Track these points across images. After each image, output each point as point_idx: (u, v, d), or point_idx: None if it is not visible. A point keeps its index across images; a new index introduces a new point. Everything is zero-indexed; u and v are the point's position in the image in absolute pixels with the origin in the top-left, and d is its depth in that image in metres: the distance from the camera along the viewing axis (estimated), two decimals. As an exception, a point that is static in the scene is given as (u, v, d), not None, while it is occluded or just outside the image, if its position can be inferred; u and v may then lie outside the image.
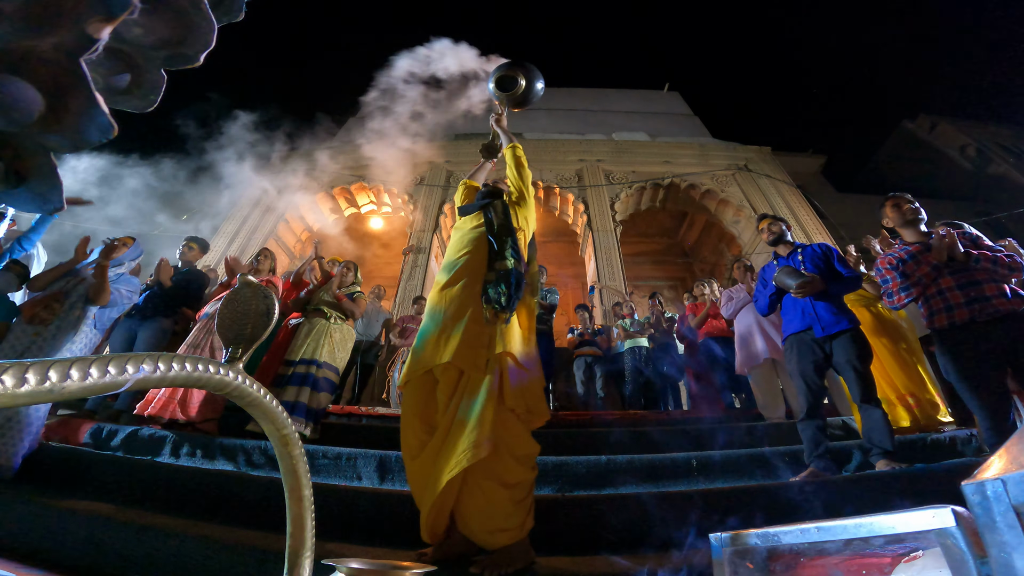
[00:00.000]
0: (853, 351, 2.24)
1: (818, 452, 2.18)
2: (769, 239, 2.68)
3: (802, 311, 2.38)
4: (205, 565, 1.31)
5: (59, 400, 0.42)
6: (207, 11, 0.42)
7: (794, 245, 2.62)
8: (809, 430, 2.23)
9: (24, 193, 0.40)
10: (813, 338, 2.32)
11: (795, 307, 2.43)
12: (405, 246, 7.83)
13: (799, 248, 2.59)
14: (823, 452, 2.17)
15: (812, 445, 2.20)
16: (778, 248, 2.66)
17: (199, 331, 3.10)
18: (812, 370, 2.32)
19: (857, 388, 2.20)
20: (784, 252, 2.63)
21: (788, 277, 2.35)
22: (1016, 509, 0.33)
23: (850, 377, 2.23)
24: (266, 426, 0.49)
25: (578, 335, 5.27)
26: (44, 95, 0.36)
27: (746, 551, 0.58)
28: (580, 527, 1.67)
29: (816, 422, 2.24)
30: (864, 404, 2.18)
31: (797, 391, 2.35)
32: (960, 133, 13.28)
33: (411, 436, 1.48)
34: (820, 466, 2.15)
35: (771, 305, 2.54)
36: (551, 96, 12.95)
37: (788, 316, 2.48)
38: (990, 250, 2.12)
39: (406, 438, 1.49)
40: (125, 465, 2.13)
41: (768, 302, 2.53)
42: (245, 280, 0.58)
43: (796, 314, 2.41)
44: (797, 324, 2.40)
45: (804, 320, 2.37)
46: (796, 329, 2.40)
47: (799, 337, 2.38)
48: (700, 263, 10.36)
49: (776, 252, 2.68)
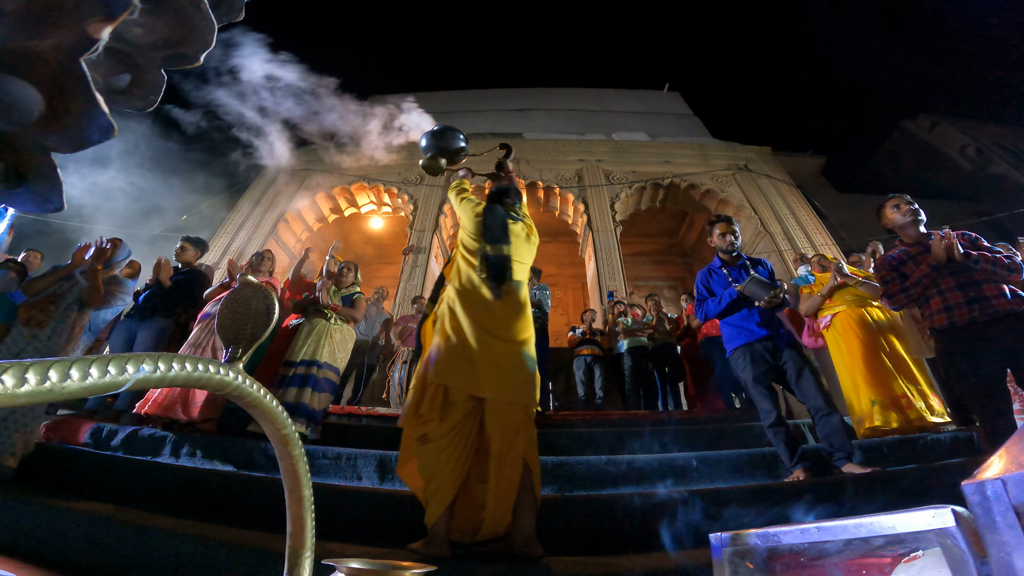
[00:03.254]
0: (805, 361, 2.33)
1: (798, 455, 2.20)
2: (726, 245, 2.59)
3: (757, 322, 2.41)
4: (205, 565, 1.31)
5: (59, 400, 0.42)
6: (207, 11, 0.42)
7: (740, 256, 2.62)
8: (782, 435, 2.25)
9: (24, 193, 0.40)
10: (766, 348, 2.37)
11: (750, 318, 2.43)
12: (405, 246, 7.83)
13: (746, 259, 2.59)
14: (802, 454, 2.21)
15: (791, 450, 2.21)
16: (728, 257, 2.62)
17: (201, 331, 3.10)
18: (767, 378, 2.36)
19: (820, 395, 2.25)
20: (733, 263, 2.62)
21: (759, 288, 2.33)
22: (1016, 509, 0.33)
23: (808, 382, 2.28)
24: (266, 426, 0.49)
25: (579, 334, 5.27)
26: (44, 95, 0.36)
27: (746, 551, 0.58)
28: (580, 527, 1.67)
29: (786, 427, 2.28)
30: (826, 409, 2.23)
31: (758, 397, 2.35)
32: (960, 133, 13.28)
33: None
34: (804, 467, 2.16)
35: (724, 312, 2.50)
36: (551, 96, 12.97)
37: (739, 326, 2.45)
38: (989, 251, 2.12)
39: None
40: (125, 465, 2.13)
41: (723, 308, 2.48)
42: (245, 280, 0.58)
43: (749, 324, 2.42)
44: (751, 334, 2.40)
45: (758, 331, 2.39)
46: (749, 340, 2.40)
47: (751, 347, 2.39)
48: (700, 263, 10.36)
49: (723, 260, 2.64)
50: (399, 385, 4.15)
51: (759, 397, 2.34)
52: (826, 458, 2.26)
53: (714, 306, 2.55)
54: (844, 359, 2.98)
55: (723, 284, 2.57)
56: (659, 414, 4.12)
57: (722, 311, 2.51)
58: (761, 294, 2.32)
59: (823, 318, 3.17)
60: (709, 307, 2.58)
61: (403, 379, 4.16)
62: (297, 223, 8.84)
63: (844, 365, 2.97)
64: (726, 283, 2.55)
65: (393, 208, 9.26)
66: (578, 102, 12.53)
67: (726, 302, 2.48)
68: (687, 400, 5.29)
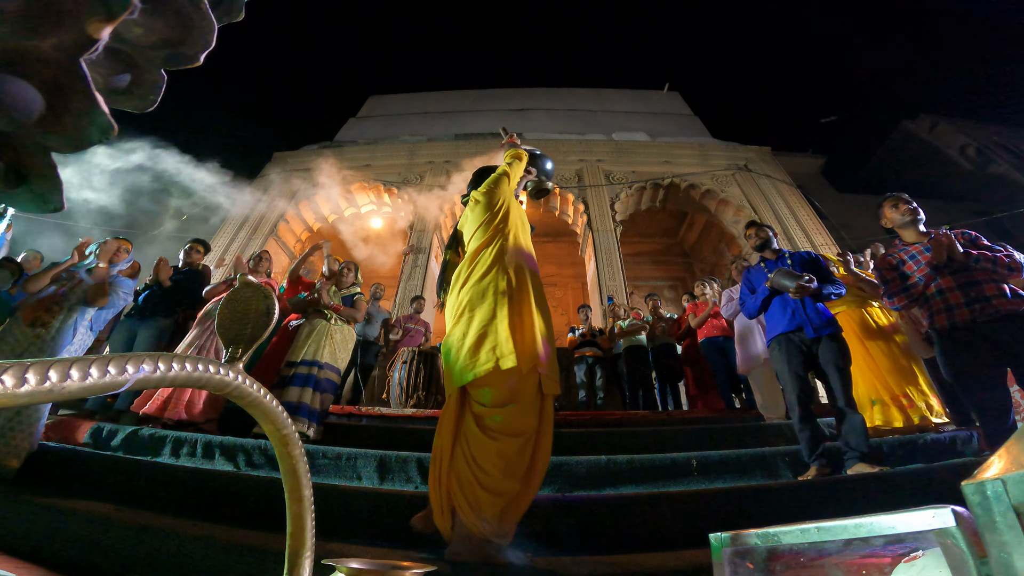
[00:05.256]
0: (839, 354, 2.31)
1: (819, 451, 2.19)
2: (756, 244, 2.74)
3: (793, 312, 2.42)
4: (205, 565, 1.31)
5: (59, 400, 0.42)
6: (207, 11, 0.42)
7: (780, 251, 2.70)
8: (808, 430, 2.24)
9: (24, 193, 0.40)
10: (802, 339, 2.37)
11: (785, 308, 2.45)
12: (405, 246, 7.83)
13: (786, 254, 2.65)
14: (824, 451, 2.19)
15: (812, 445, 2.21)
16: (765, 253, 2.73)
17: (202, 331, 3.10)
18: (802, 369, 2.35)
19: (841, 390, 2.25)
20: (772, 257, 2.69)
21: (785, 278, 2.38)
22: (1016, 509, 0.33)
23: (835, 378, 2.27)
24: (266, 426, 0.49)
25: (579, 335, 5.27)
26: (44, 95, 0.36)
27: (746, 551, 0.58)
28: (580, 527, 1.67)
29: (813, 421, 2.26)
30: (846, 407, 2.22)
31: (788, 390, 2.37)
32: (960, 133, 13.29)
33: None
34: (822, 464, 2.16)
35: (762, 307, 2.56)
36: (551, 96, 12.98)
37: (776, 317, 2.49)
38: (989, 250, 2.12)
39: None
40: (125, 465, 2.13)
41: (759, 304, 2.56)
42: (245, 280, 0.58)
43: (786, 315, 2.43)
44: (786, 324, 2.42)
45: (794, 321, 2.40)
46: (785, 329, 2.41)
47: (788, 337, 2.40)
48: (700, 263, 10.36)
49: (764, 256, 2.74)
50: (399, 385, 4.15)
51: (788, 389, 2.36)
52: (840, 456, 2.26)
53: (752, 303, 2.60)
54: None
55: (762, 278, 2.61)
56: (659, 414, 4.12)
57: (760, 306, 2.56)
58: (787, 284, 2.36)
59: (823, 318, 3.17)
60: (748, 305, 2.64)
61: (403, 379, 4.16)
62: (297, 223, 8.84)
63: (844, 365, 2.98)
64: (764, 277, 2.60)
65: (393, 208, 9.27)
66: (578, 102, 12.54)
67: (761, 297, 2.54)
68: (687, 400, 5.29)
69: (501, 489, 1.31)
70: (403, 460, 2.19)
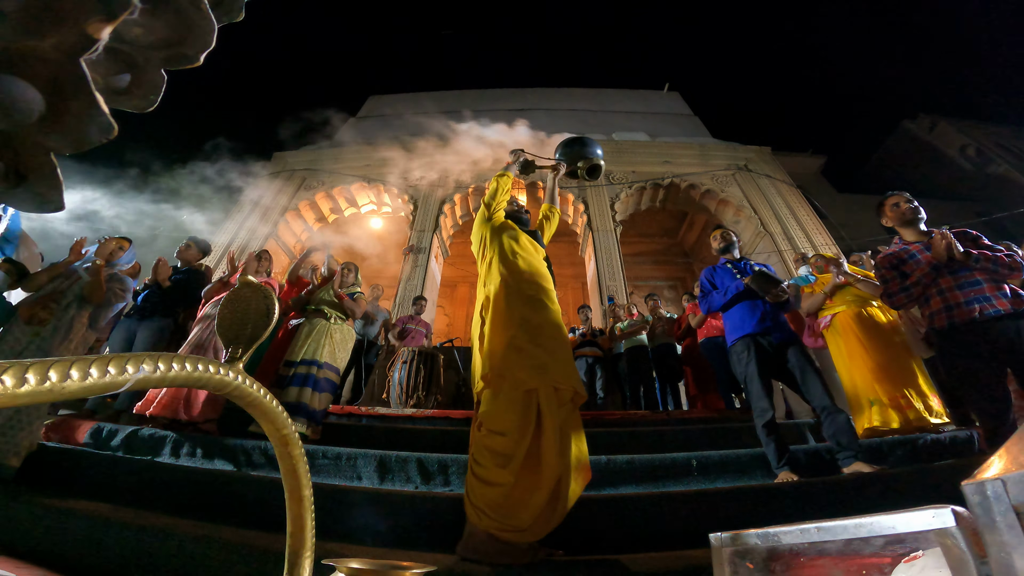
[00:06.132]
0: (807, 357, 2.34)
1: (786, 457, 2.18)
2: (721, 246, 2.81)
3: (763, 315, 2.43)
4: (205, 565, 1.31)
5: (59, 400, 0.42)
6: (207, 11, 0.42)
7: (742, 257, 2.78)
8: (775, 437, 2.22)
9: (24, 193, 0.40)
10: (770, 342, 2.39)
11: (755, 310, 2.46)
12: (405, 246, 7.83)
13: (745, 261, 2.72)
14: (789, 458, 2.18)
15: (780, 451, 2.19)
16: (729, 255, 2.79)
17: (203, 330, 3.10)
18: (767, 373, 2.36)
19: (822, 391, 2.24)
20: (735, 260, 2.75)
21: (765, 281, 2.40)
22: (1016, 509, 0.33)
23: (812, 380, 2.27)
24: (266, 426, 0.49)
25: (579, 335, 5.27)
26: (44, 95, 0.36)
27: (746, 551, 0.58)
28: (580, 527, 1.67)
29: (778, 429, 2.26)
30: (829, 406, 2.21)
31: (756, 393, 2.32)
32: (960, 133, 13.29)
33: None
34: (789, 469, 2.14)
35: (727, 304, 2.58)
36: (551, 96, 12.98)
37: (744, 317, 2.48)
38: (990, 249, 2.12)
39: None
40: (125, 465, 2.13)
41: (727, 301, 2.57)
42: (245, 280, 0.58)
43: (755, 316, 2.44)
44: (755, 326, 2.42)
45: (764, 324, 2.41)
46: (753, 331, 2.41)
47: (755, 339, 2.40)
48: (700, 263, 10.36)
49: (727, 259, 2.79)
50: (399, 385, 4.14)
51: (756, 394, 2.32)
52: (828, 458, 2.25)
53: (719, 298, 2.60)
54: (844, 359, 2.98)
55: (729, 278, 2.61)
56: (659, 414, 4.12)
57: (727, 303, 2.56)
58: (767, 287, 2.38)
59: (823, 318, 3.17)
60: (714, 299, 2.64)
61: (403, 379, 4.15)
62: (297, 223, 8.84)
63: (844, 365, 2.97)
64: (732, 277, 2.60)
65: (393, 208, 9.27)
66: (578, 102, 12.54)
67: (732, 294, 2.54)
68: (687, 400, 5.29)
69: (491, 478, 1.38)
70: (403, 460, 2.19)
